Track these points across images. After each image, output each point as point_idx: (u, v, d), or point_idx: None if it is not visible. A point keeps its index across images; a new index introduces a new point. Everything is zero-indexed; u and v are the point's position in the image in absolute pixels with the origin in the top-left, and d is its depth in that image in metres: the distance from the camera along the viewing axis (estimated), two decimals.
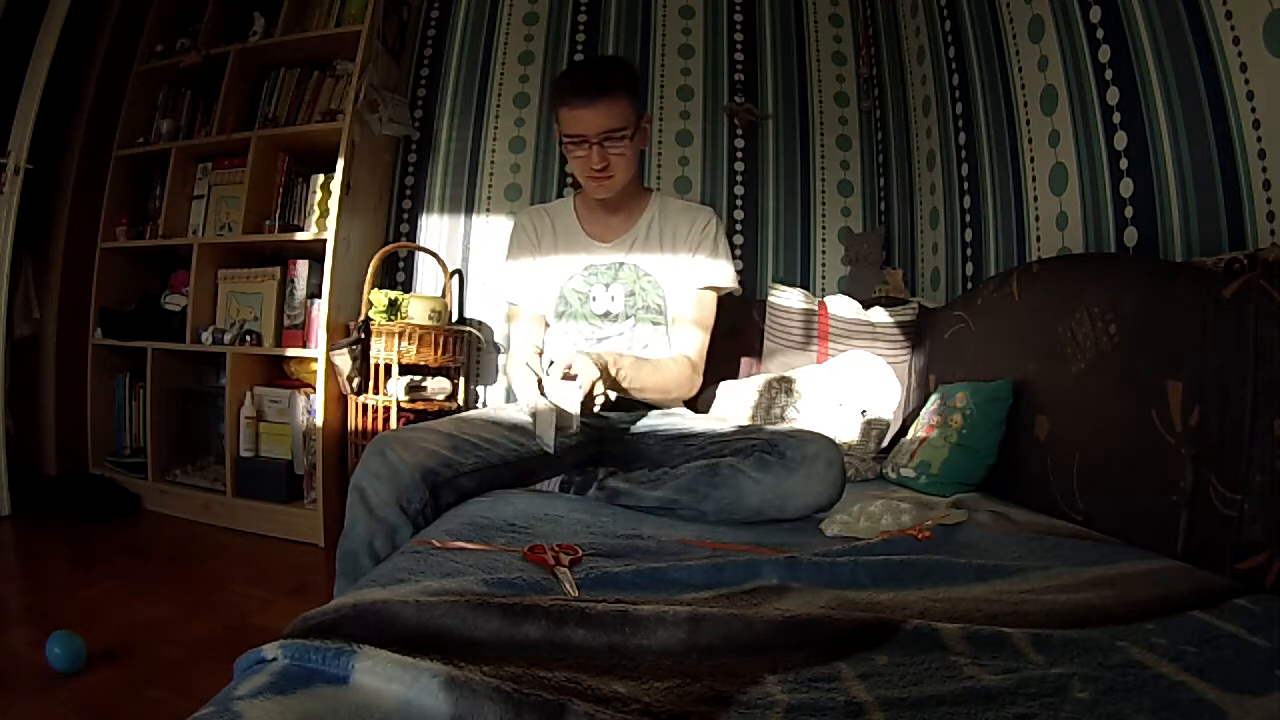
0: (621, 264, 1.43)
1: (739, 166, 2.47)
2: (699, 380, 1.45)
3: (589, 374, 1.12)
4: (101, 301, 2.46)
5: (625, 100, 1.29)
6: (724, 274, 1.46)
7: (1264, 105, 1.04)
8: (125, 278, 2.56)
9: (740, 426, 1.30)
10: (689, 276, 1.44)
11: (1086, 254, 1.44)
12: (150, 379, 2.37)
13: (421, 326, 2.10)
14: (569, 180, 2.45)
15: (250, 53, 2.40)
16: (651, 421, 1.35)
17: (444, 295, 2.37)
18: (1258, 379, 0.87)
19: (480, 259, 2.45)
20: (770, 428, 1.24)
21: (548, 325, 1.49)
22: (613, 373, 1.21)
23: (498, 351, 2.43)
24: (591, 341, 1.41)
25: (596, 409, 1.17)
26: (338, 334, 2.16)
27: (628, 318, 1.42)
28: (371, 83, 2.22)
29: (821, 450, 1.08)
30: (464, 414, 1.29)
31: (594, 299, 1.42)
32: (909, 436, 1.64)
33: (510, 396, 2.36)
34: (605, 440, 1.34)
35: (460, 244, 2.47)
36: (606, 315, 1.42)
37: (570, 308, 1.43)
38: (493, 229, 2.45)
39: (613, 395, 1.21)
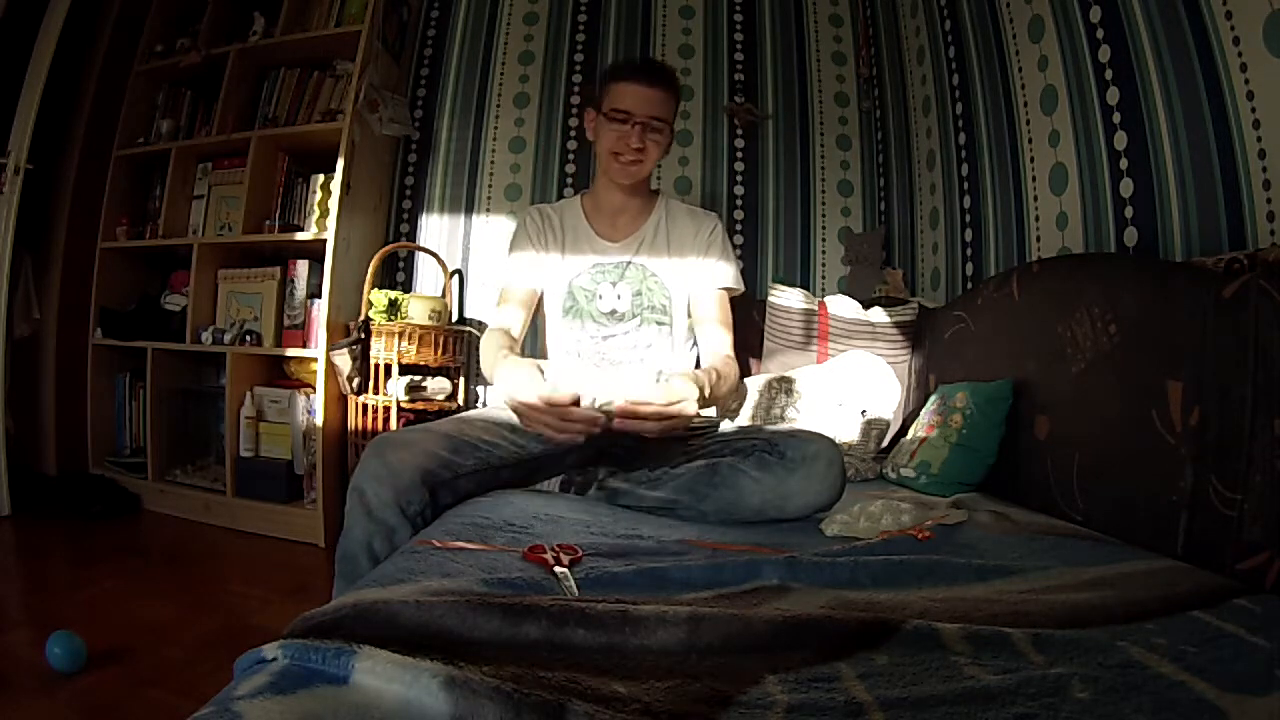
0: (629, 263, 1.44)
1: (739, 166, 2.47)
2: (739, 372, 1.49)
3: (690, 408, 1.10)
4: (101, 301, 2.46)
5: (673, 101, 1.38)
6: (734, 277, 1.48)
7: (1264, 105, 1.04)
8: (125, 278, 2.56)
9: (740, 426, 1.30)
10: (700, 278, 1.45)
11: (1086, 254, 1.44)
12: (150, 379, 2.37)
13: (421, 326, 2.10)
14: (569, 180, 2.46)
15: (250, 53, 2.40)
16: None
17: (444, 295, 2.37)
18: (1258, 379, 0.87)
19: (480, 259, 2.45)
20: (770, 428, 1.24)
21: (537, 312, 1.51)
22: (706, 394, 1.19)
23: None
24: (597, 340, 1.42)
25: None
26: (338, 334, 2.16)
27: (633, 317, 1.43)
28: (371, 83, 2.22)
29: (822, 450, 1.08)
30: (464, 414, 1.29)
31: (600, 297, 1.43)
32: (909, 436, 1.64)
33: None
34: (602, 443, 1.33)
35: (460, 244, 2.47)
36: (612, 314, 1.43)
37: (576, 304, 1.44)
38: (493, 229, 2.45)
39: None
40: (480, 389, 2.42)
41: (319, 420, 2.13)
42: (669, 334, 1.45)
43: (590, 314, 1.43)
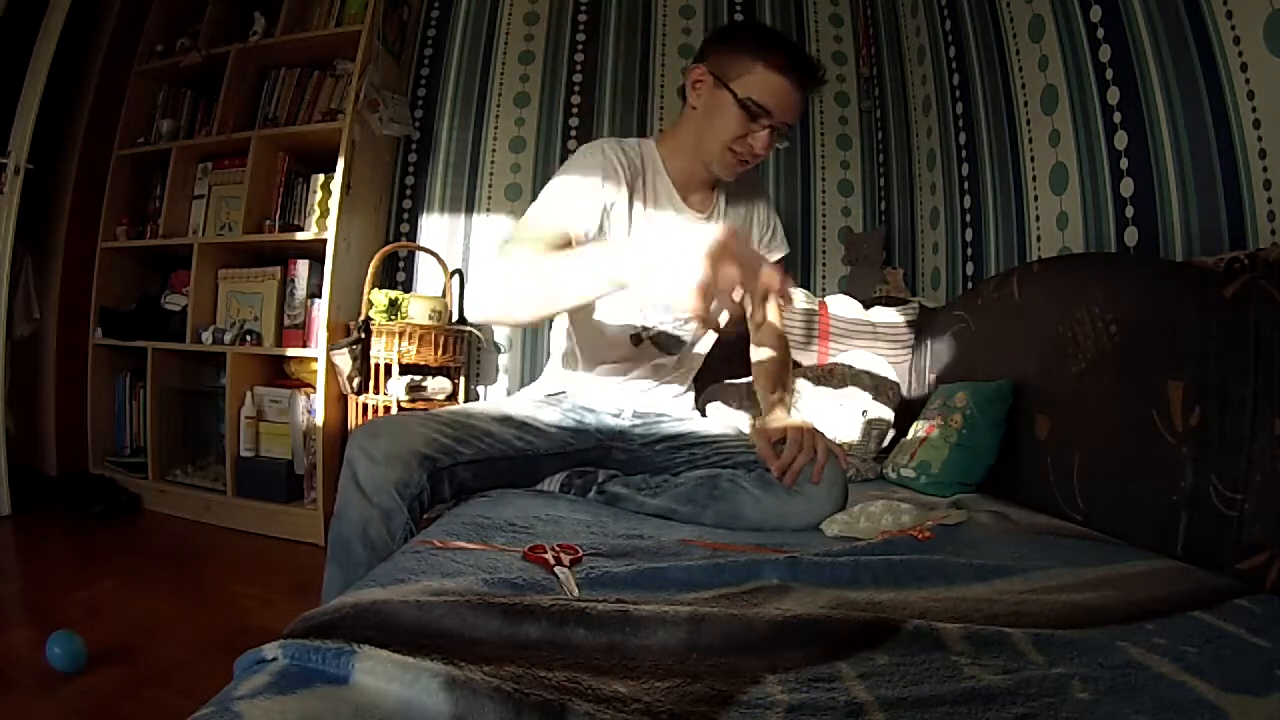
0: None
1: None
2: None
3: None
4: (101, 301, 2.46)
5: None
6: (785, 243, 1.41)
7: (1264, 105, 1.04)
8: (125, 278, 2.56)
9: (743, 434, 1.29)
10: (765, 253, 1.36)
11: (1087, 253, 1.44)
12: (150, 379, 2.37)
13: (422, 326, 2.10)
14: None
15: (250, 53, 2.40)
16: (658, 427, 1.33)
17: (444, 295, 2.37)
18: (1258, 379, 0.87)
19: (481, 259, 2.45)
20: None
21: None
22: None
23: (498, 351, 2.43)
24: (678, 321, 1.28)
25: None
26: (338, 334, 2.16)
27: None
28: (371, 83, 2.22)
29: (824, 471, 1.08)
30: (467, 406, 1.26)
31: None
32: (909, 436, 1.64)
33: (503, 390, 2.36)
34: (613, 450, 1.32)
35: (460, 244, 2.47)
36: None
37: None
38: (493, 229, 2.45)
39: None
40: (480, 389, 2.42)
41: (319, 420, 2.13)
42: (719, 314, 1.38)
43: None
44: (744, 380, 1.91)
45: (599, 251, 0.83)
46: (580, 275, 0.82)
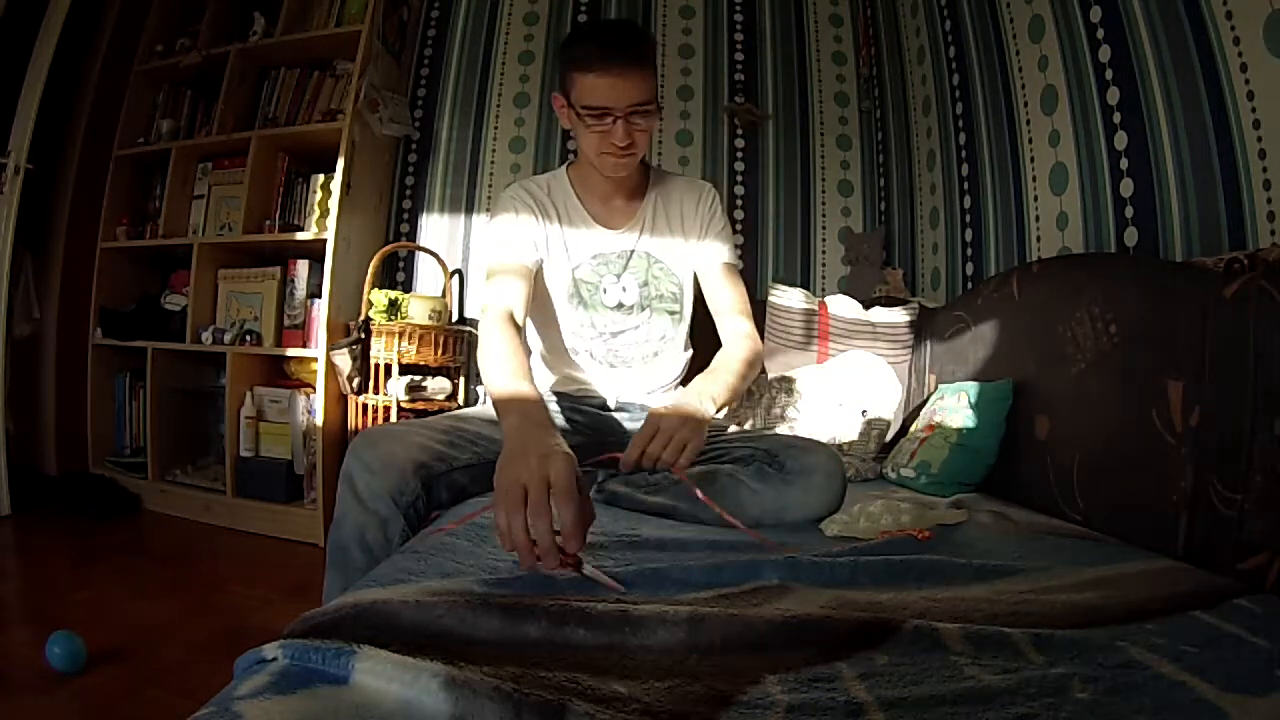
0: (631, 252, 1.33)
1: (739, 166, 2.47)
2: (761, 349, 1.34)
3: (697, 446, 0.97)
4: (101, 301, 2.46)
5: (652, 71, 1.17)
6: (734, 252, 1.40)
7: (1264, 105, 1.04)
8: (125, 278, 2.56)
9: (742, 431, 1.29)
10: (706, 257, 1.36)
11: (1087, 254, 1.44)
12: (150, 379, 2.37)
13: (421, 326, 2.10)
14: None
15: (250, 53, 2.40)
16: None
17: (444, 295, 2.37)
18: (1258, 379, 0.87)
19: (480, 259, 2.45)
20: (771, 433, 1.23)
21: (531, 284, 1.30)
22: (714, 414, 1.07)
23: None
24: (605, 335, 1.33)
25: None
26: (338, 334, 2.16)
27: (643, 309, 1.34)
28: (371, 83, 2.22)
29: (820, 463, 1.07)
30: (460, 411, 1.28)
31: (605, 290, 1.32)
32: (909, 436, 1.64)
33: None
34: (607, 444, 1.33)
35: (460, 244, 2.47)
36: (620, 307, 1.32)
37: (581, 298, 1.32)
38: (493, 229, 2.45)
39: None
40: (480, 388, 2.42)
41: (319, 420, 2.13)
42: (680, 323, 1.38)
43: (594, 307, 1.31)
44: None
45: (500, 407, 0.96)
46: (495, 388, 1.00)
